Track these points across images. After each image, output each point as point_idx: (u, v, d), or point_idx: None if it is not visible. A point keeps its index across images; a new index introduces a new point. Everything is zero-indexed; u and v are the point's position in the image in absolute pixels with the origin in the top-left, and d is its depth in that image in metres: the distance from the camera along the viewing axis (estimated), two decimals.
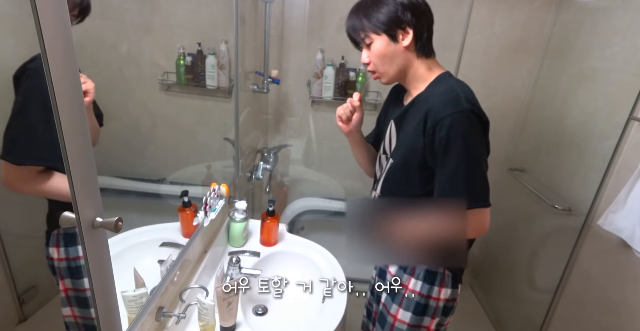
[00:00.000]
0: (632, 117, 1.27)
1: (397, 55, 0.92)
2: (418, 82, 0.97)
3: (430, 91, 0.94)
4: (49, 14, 0.40)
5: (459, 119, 0.84)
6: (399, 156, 0.98)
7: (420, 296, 1.01)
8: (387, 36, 0.90)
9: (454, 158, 0.85)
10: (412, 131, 0.92)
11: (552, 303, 1.60)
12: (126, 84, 0.87)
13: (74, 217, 0.48)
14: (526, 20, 1.80)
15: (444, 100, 0.87)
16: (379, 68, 0.95)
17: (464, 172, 0.85)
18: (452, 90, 0.89)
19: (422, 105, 0.92)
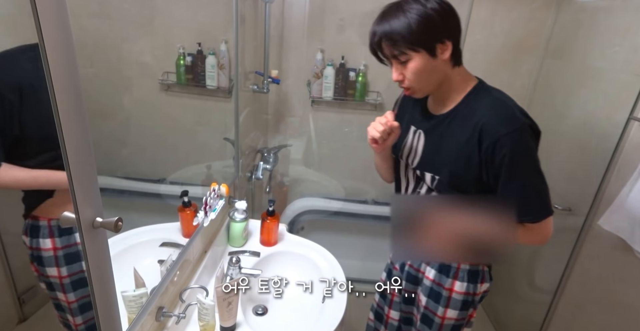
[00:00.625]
0: (632, 117, 1.27)
1: (436, 69, 0.87)
2: (452, 92, 0.93)
3: (473, 104, 0.90)
4: (49, 13, 0.40)
5: (520, 136, 0.83)
6: (446, 172, 0.94)
7: (466, 295, 1.04)
8: (427, 52, 0.84)
9: (521, 174, 0.85)
10: (461, 147, 0.89)
11: (552, 303, 1.60)
12: (126, 84, 0.87)
13: (74, 217, 0.48)
14: (526, 20, 1.79)
15: (499, 117, 0.85)
16: (415, 84, 0.89)
17: (533, 187, 0.86)
18: (504, 104, 0.87)
19: (467, 120, 0.89)
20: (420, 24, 0.81)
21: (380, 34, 0.85)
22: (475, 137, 0.86)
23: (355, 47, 1.82)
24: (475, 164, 0.88)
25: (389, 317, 1.25)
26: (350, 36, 1.82)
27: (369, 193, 2.14)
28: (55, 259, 0.70)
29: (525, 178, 0.86)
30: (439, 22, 0.82)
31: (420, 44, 0.83)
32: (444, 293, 1.05)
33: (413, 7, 0.82)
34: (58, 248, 0.70)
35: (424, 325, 1.10)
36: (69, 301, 0.71)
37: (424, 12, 0.81)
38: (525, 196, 0.87)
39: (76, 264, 0.71)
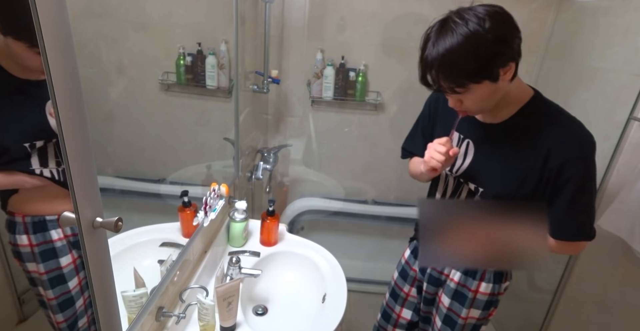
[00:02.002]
0: (632, 117, 1.27)
1: (497, 92, 0.80)
2: (508, 104, 0.87)
3: (534, 118, 0.85)
4: (49, 13, 0.40)
5: (592, 159, 0.83)
6: (495, 186, 0.91)
7: (490, 296, 1.05)
8: (489, 81, 0.77)
9: (587, 197, 0.85)
10: (519, 163, 0.86)
11: (552, 303, 1.60)
12: (126, 84, 0.87)
13: (74, 217, 0.48)
14: (526, 20, 1.79)
15: (573, 137, 0.82)
16: (473, 109, 0.84)
17: (593, 211, 0.88)
18: (576, 123, 0.85)
19: (528, 135, 0.85)
20: (481, 54, 0.73)
21: (437, 68, 0.76)
22: (541, 156, 0.82)
23: (355, 47, 1.82)
24: (532, 182, 0.85)
25: (400, 316, 1.24)
26: (350, 36, 1.82)
27: (369, 193, 2.14)
28: (32, 255, 0.69)
29: (585, 202, 0.85)
30: (501, 45, 0.74)
31: (482, 75, 0.75)
32: (469, 295, 1.05)
33: (469, 32, 0.71)
34: (34, 245, 0.69)
35: (446, 326, 1.10)
36: (48, 298, 0.71)
37: (483, 37, 0.71)
38: (580, 217, 0.87)
39: (52, 261, 0.70)
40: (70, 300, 0.60)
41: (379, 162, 2.02)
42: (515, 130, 0.87)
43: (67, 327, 0.73)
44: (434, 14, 0.88)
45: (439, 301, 1.12)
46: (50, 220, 0.70)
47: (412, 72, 1.02)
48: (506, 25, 0.75)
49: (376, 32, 1.81)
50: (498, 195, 0.91)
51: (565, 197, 0.84)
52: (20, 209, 0.68)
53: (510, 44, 0.75)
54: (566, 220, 0.87)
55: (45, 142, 0.66)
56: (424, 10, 1.74)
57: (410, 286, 1.21)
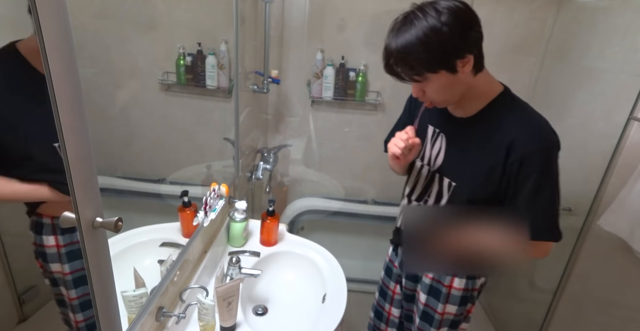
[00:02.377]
0: (632, 117, 1.27)
1: (457, 83, 0.83)
2: (475, 98, 0.89)
3: (500, 113, 0.86)
4: (49, 13, 0.40)
5: (551, 155, 0.83)
6: (465, 181, 0.92)
7: (465, 291, 1.05)
8: (447, 71, 0.80)
9: (549, 192, 0.85)
10: (485, 157, 0.86)
11: (552, 303, 1.60)
12: (126, 84, 0.87)
13: (74, 217, 0.48)
14: (526, 20, 1.80)
15: (533, 132, 0.82)
16: (436, 99, 0.87)
17: (554, 209, 0.87)
18: (539, 119, 0.85)
19: (493, 129, 0.85)
20: (437, 46, 0.76)
21: (395, 57, 0.81)
22: (503, 150, 0.83)
23: (355, 47, 1.82)
24: (496, 177, 0.86)
25: (390, 314, 1.25)
26: (350, 36, 1.82)
27: (369, 193, 2.15)
28: (58, 256, 0.70)
29: (549, 200, 0.85)
30: (457, 38, 0.76)
31: (439, 66, 0.78)
32: (444, 290, 1.06)
33: (427, 25, 0.75)
34: (61, 246, 0.70)
35: (424, 322, 1.11)
36: (70, 297, 0.72)
37: (439, 30, 0.74)
38: (541, 215, 0.86)
39: (77, 261, 0.71)
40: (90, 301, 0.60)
41: (379, 162, 2.01)
42: (482, 125, 0.88)
43: (85, 327, 0.74)
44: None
45: (417, 297, 1.13)
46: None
47: None
48: (464, 20, 0.77)
49: (376, 32, 1.81)
50: (468, 191, 0.91)
51: (524, 193, 0.84)
52: (53, 211, 0.68)
53: (466, 37, 0.78)
54: (531, 216, 0.86)
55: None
56: None
57: (395, 284, 1.23)
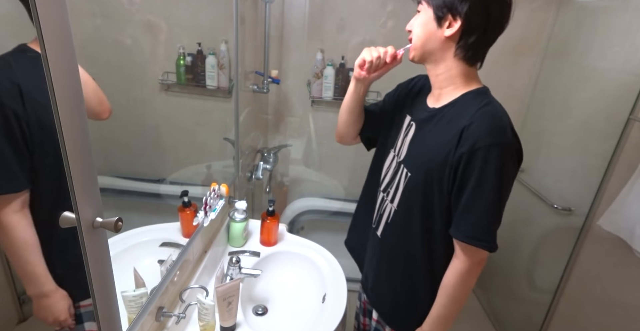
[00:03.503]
0: (632, 117, 1.27)
1: (433, 39, 0.83)
2: (447, 83, 0.86)
3: (465, 104, 0.83)
4: (49, 13, 0.40)
5: (501, 153, 0.76)
6: (416, 170, 0.87)
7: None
8: (434, 14, 0.81)
9: (488, 194, 0.78)
10: (438, 147, 0.82)
11: (552, 303, 1.60)
12: (126, 84, 0.87)
13: (74, 217, 0.48)
14: (526, 20, 1.79)
15: (488, 126, 0.77)
16: (413, 38, 0.87)
17: (493, 212, 0.80)
18: (498, 115, 0.80)
19: (454, 120, 0.82)
20: None
21: None
22: (455, 141, 0.79)
23: (355, 47, 1.82)
24: (447, 170, 0.81)
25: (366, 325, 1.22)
26: (350, 36, 1.82)
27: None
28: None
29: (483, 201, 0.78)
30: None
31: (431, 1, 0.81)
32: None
33: None
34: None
35: None
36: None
37: None
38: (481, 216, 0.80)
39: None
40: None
41: None
42: (446, 116, 0.85)
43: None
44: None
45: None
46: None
47: (412, 72, 1.02)
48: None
49: (376, 32, 1.81)
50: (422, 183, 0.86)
51: (465, 191, 0.80)
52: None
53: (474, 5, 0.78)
54: (462, 217, 0.81)
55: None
56: None
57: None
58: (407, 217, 0.91)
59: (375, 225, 1.02)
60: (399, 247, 0.95)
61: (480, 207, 0.79)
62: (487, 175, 0.77)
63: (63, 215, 0.48)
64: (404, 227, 0.92)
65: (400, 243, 0.94)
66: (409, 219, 0.91)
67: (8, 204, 0.55)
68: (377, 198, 1.03)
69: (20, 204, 0.56)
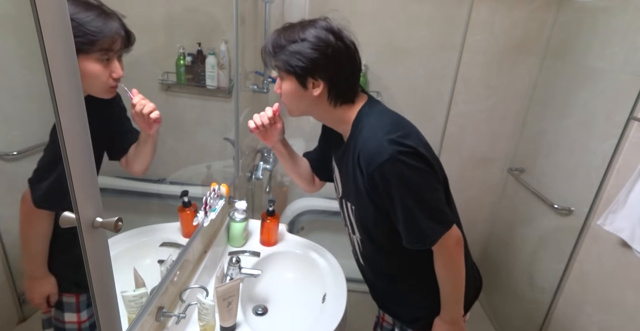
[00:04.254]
0: (632, 117, 1.27)
1: (305, 100, 0.88)
2: (338, 124, 0.93)
3: (354, 134, 0.88)
4: (49, 14, 0.40)
5: (389, 169, 0.80)
6: (355, 201, 0.95)
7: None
8: (297, 81, 0.85)
9: (403, 205, 0.83)
10: (354, 179, 0.89)
11: (552, 303, 1.60)
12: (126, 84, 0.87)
13: (74, 217, 0.48)
14: (526, 20, 1.79)
15: (369, 151, 0.82)
16: (286, 103, 0.91)
17: (419, 215, 0.83)
18: (372, 134, 0.84)
19: (351, 153, 0.88)
20: (299, 51, 0.82)
21: (267, 45, 0.88)
22: (359, 172, 0.86)
23: None
24: (369, 195, 0.87)
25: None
26: None
27: None
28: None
29: (407, 210, 0.83)
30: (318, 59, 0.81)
31: (289, 70, 0.84)
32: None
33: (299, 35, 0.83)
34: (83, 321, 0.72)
35: None
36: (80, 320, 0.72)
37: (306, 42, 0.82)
38: (408, 224, 0.85)
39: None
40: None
41: None
42: (347, 151, 0.90)
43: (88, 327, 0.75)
44: (434, 14, 0.88)
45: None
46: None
47: (412, 72, 1.02)
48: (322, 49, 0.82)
49: (376, 32, 1.81)
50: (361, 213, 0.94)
51: (388, 207, 0.86)
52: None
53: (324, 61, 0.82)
54: (401, 229, 0.87)
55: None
56: (424, 11, 1.74)
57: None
58: (373, 242, 0.99)
59: (355, 256, 1.11)
60: (382, 268, 1.05)
61: (404, 218, 0.84)
62: (392, 189, 0.82)
63: (63, 215, 0.48)
64: (375, 251, 1.01)
65: (381, 264, 1.04)
66: (375, 244, 0.99)
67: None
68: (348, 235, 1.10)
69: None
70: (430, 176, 0.85)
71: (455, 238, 0.89)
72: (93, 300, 0.55)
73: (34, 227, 0.64)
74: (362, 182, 0.86)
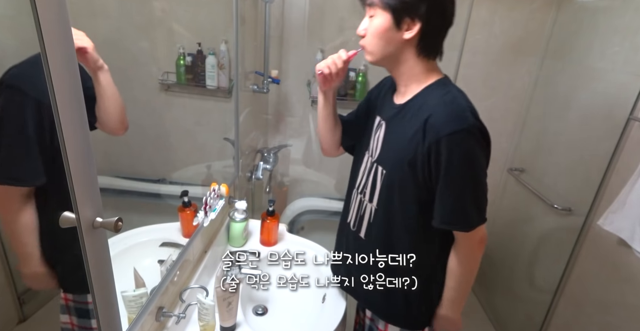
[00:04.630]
0: (632, 117, 1.27)
1: (392, 42, 0.82)
2: (412, 81, 0.87)
3: (427, 97, 0.84)
4: (49, 14, 0.40)
5: (465, 138, 0.77)
6: (391, 166, 0.88)
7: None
8: (392, 18, 0.79)
9: (459, 181, 0.79)
10: (406, 141, 0.83)
11: (552, 303, 1.60)
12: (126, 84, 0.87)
13: (74, 217, 0.48)
14: (526, 20, 1.79)
15: (447, 114, 0.78)
16: (368, 45, 0.85)
17: (469, 196, 0.81)
18: (457, 102, 0.80)
19: (418, 112, 0.83)
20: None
21: None
22: (421, 134, 0.80)
23: (355, 47, 1.82)
24: (416, 161, 0.82)
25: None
26: (350, 36, 1.82)
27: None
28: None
29: (463, 187, 0.80)
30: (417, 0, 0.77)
31: (389, 4, 0.78)
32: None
33: None
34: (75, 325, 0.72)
35: None
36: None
37: None
38: (455, 202, 0.81)
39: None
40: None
41: None
42: (410, 109, 0.86)
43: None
44: None
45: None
46: None
47: None
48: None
49: None
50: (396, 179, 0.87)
51: (439, 180, 0.81)
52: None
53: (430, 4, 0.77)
54: (440, 204, 0.83)
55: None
56: None
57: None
58: (388, 213, 0.92)
59: (357, 227, 1.01)
60: (384, 243, 0.95)
61: (454, 194, 0.81)
62: (455, 162, 0.78)
63: (63, 215, 0.48)
64: (387, 226, 0.93)
65: (385, 239, 0.95)
66: (389, 216, 0.92)
67: (19, 191, 0.60)
68: (352, 203, 1.03)
69: (29, 191, 0.60)
70: (487, 164, 0.83)
71: (483, 235, 0.86)
72: (93, 300, 0.55)
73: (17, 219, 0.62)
74: (414, 146, 0.81)
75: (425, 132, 0.79)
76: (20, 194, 0.60)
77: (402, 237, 0.92)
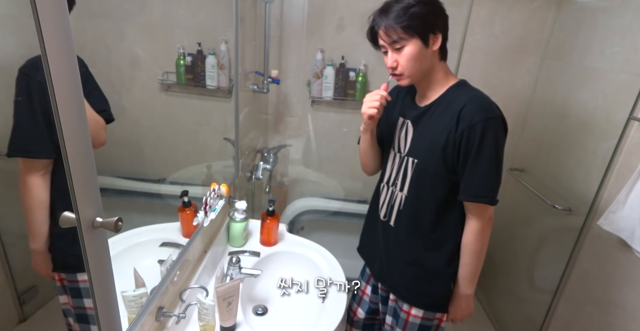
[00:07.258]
0: (632, 117, 1.27)
1: (426, 58, 0.94)
2: (436, 85, 1.00)
3: (454, 94, 0.98)
4: (49, 14, 0.40)
5: (493, 124, 0.91)
6: (423, 154, 1.01)
7: (423, 320, 1.10)
8: (421, 40, 0.91)
9: (487, 159, 0.93)
10: (438, 131, 0.96)
11: (552, 303, 1.60)
12: (126, 84, 0.87)
13: (74, 217, 0.48)
14: (526, 20, 1.79)
15: (480, 105, 0.93)
16: (406, 71, 0.95)
17: (493, 173, 0.95)
18: (484, 96, 0.96)
19: (448, 107, 0.96)
20: (417, 14, 0.90)
21: (380, 22, 0.93)
22: (454, 122, 0.93)
23: (355, 47, 1.82)
24: (448, 147, 0.95)
25: (356, 315, 1.28)
26: (350, 36, 1.82)
27: (368, 193, 2.14)
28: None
29: (489, 165, 0.93)
30: (432, 14, 0.92)
31: (416, 31, 0.90)
32: (402, 315, 1.11)
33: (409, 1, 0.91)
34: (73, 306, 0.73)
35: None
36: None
37: (420, 3, 0.91)
38: (483, 178, 0.95)
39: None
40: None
41: None
42: (439, 107, 0.99)
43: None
44: None
45: (385, 320, 1.19)
46: None
47: None
48: (437, 4, 0.94)
49: None
50: (428, 166, 1.00)
51: (468, 160, 0.94)
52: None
53: (438, 15, 0.93)
54: (468, 181, 0.96)
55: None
56: None
57: (366, 284, 1.26)
58: (418, 199, 1.04)
59: (387, 217, 1.12)
60: (413, 228, 1.06)
61: (482, 171, 0.94)
62: (486, 144, 0.91)
63: (63, 215, 0.48)
64: (416, 209, 1.05)
65: (414, 225, 1.06)
66: (419, 201, 1.04)
67: (35, 167, 0.64)
68: (383, 195, 1.13)
69: (44, 168, 0.65)
70: (503, 150, 0.96)
71: (491, 214, 1.01)
72: (93, 300, 0.55)
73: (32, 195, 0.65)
74: (446, 134, 0.94)
75: (458, 120, 0.93)
76: (37, 170, 0.65)
77: (427, 216, 1.04)
